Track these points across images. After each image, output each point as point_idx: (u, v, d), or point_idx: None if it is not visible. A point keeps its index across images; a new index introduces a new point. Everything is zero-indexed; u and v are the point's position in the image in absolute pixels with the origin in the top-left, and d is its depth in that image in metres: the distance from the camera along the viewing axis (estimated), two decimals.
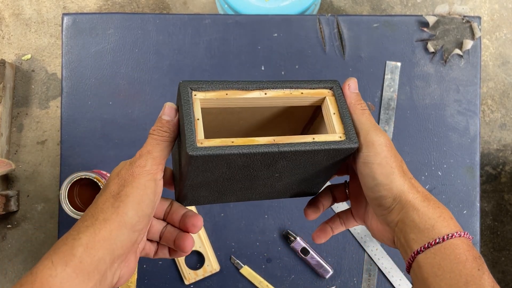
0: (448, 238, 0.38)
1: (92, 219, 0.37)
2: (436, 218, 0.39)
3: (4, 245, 1.52)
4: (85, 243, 0.35)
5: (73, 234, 0.36)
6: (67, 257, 0.34)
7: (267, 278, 0.81)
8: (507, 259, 1.50)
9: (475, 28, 0.80)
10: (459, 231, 0.38)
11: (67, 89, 0.82)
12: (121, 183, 0.39)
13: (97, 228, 0.36)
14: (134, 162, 0.41)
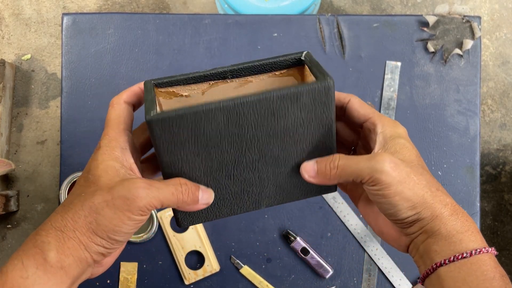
0: (476, 253, 0.36)
1: (62, 221, 0.36)
2: (464, 232, 0.37)
3: (4, 245, 1.52)
4: (56, 246, 0.34)
5: (43, 235, 0.35)
6: (38, 260, 0.34)
7: (267, 278, 0.81)
8: (507, 259, 1.50)
9: (475, 28, 0.80)
10: (486, 247, 0.37)
11: (67, 89, 0.82)
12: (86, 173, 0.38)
13: (58, 224, 0.35)
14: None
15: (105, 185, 0.35)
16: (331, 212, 0.81)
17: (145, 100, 0.37)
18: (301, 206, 0.81)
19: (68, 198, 0.37)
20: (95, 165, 0.37)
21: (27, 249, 0.35)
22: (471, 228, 0.37)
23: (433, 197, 0.37)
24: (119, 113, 0.40)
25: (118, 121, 0.39)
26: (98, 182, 0.36)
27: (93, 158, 0.37)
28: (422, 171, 0.39)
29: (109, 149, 0.37)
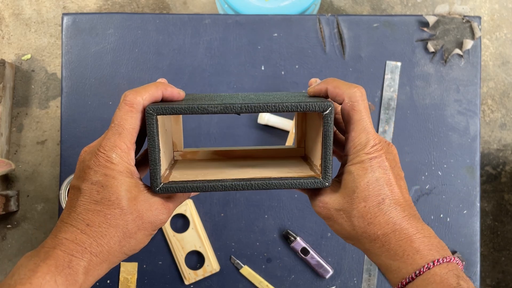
0: (416, 275, 0.36)
1: (98, 248, 0.37)
2: (400, 257, 0.36)
3: (4, 245, 1.52)
4: (85, 268, 0.36)
5: (78, 257, 0.36)
6: (70, 281, 0.36)
7: (267, 278, 0.80)
8: (507, 259, 1.50)
9: (475, 28, 0.80)
10: (424, 266, 0.35)
11: (67, 89, 0.82)
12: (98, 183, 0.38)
13: (94, 250, 0.37)
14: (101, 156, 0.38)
15: (132, 208, 0.37)
16: None
17: (150, 158, 0.38)
18: (301, 206, 0.81)
19: (89, 216, 0.37)
20: (113, 183, 0.37)
21: (61, 268, 0.36)
22: (408, 248, 0.36)
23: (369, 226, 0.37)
24: (136, 123, 0.38)
25: (132, 133, 0.38)
26: (122, 204, 0.37)
27: (106, 173, 0.37)
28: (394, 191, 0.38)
29: (124, 165, 0.37)
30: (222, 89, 0.82)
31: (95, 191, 0.37)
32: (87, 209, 0.37)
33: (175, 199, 0.41)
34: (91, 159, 0.38)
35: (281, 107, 0.37)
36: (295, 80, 0.82)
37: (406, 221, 0.37)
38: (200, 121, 0.82)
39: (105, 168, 0.37)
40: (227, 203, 0.81)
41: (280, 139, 0.81)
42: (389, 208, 0.37)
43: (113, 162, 0.37)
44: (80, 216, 0.37)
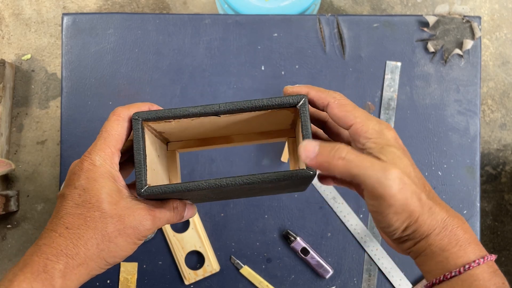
0: (466, 269, 0.35)
1: (74, 249, 0.37)
2: (451, 248, 0.36)
3: (4, 245, 1.52)
4: (62, 271, 0.36)
5: (53, 261, 0.36)
6: (47, 286, 0.36)
7: (267, 278, 0.81)
8: (507, 259, 1.50)
9: (475, 28, 0.80)
10: (478, 259, 0.35)
11: (67, 89, 0.82)
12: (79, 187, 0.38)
13: (70, 252, 0.36)
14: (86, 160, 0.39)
15: (113, 212, 0.37)
16: (331, 212, 0.81)
17: (135, 155, 0.38)
18: (301, 206, 0.81)
19: (69, 220, 0.37)
20: (94, 186, 0.37)
21: (36, 273, 0.36)
22: (460, 241, 0.36)
23: (426, 215, 0.36)
24: (122, 131, 0.39)
25: (118, 139, 0.39)
26: (103, 207, 0.37)
27: (88, 176, 0.38)
28: (420, 184, 0.37)
29: (106, 168, 0.38)
30: (222, 89, 0.82)
31: (77, 194, 0.38)
32: (69, 213, 0.37)
33: (161, 209, 0.40)
34: (77, 165, 0.39)
35: (257, 104, 0.38)
36: (295, 80, 0.82)
37: (444, 221, 0.36)
38: None
39: (87, 172, 0.38)
40: (227, 203, 0.81)
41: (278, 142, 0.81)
42: (428, 204, 0.36)
43: (95, 165, 0.38)
44: (61, 221, 0.37)
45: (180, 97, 0.82)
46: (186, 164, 0.80)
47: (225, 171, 0.80)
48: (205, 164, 0.80)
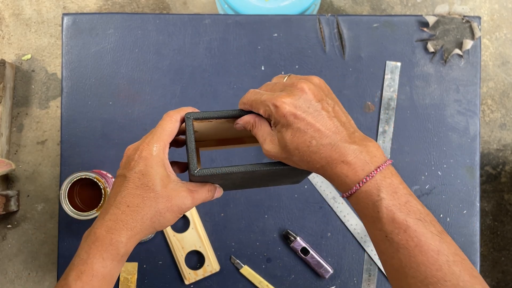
0: (354, 191, 0.43)
1: (133, 223, 0.47)
2: (343, 176, 0.43)
3: (4, 245, 1.52)
4: (124, 242, 0.47)
5: (117, 234, 0.47)
6: (113, 254, 0.47)
7: (267, 278, 0.81)
8: (507, 259, 1.50)
9: (475, 28, 0.80)
10: (359, 182, 0.42)
11: (67, 89, 0.82)
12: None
13: (130, 226, 0.47)
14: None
15: (164, 193, 0.47)
16: (331, 212, 0.81)
17: (188, 146, 0.48)
18: (301, 206, 0.81)
19: (130, 199, 0.47)
20: (151, 171, 0.47)
21: (106, 246, 0.47)
22: (340, 174, 0.43)
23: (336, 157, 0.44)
24: (174, 128, 0.48)
25: (170, 134, 0.48)
26: (157, 189, 0.47)
27: (146, 163, 0.47)
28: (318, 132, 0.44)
29: (160, 156, 0.47)
30: (222, 89, 0.82)
31: (137, 178, 0.47)
32: (130, 193, 0.47)
33: (199, 191, 0.49)
34: (135, 153, 0.47)
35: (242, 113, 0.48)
36: None
37: (336, 150, 0.43)
38: None
39: (146, 159, 0.47)
40: (227, 203, 0.81)
41: None
42: (319, 146, 0.43)
43: (152, 154, 0.47)
44: (123, 199, 0.47)
45: (180, 97, 0.82)
46: None
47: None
48: (205, 164, 0.80)
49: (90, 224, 0.81)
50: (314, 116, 0.43)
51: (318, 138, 0.43)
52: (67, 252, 0.81)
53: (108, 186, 0.74)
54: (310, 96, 0.43)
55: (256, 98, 0.46)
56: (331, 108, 0.44)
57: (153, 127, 0.82)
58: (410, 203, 0.42)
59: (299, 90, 0.44)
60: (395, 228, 0.41)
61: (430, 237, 0.41)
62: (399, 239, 0.41)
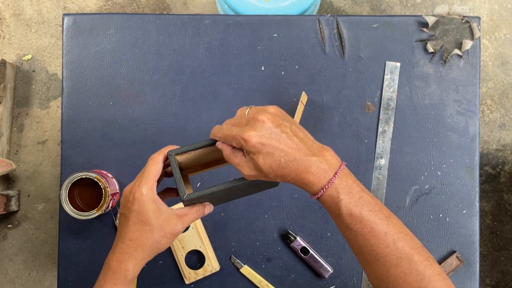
0: (320, 195, 0.52)
1: (136, 253, 0.59)
2: (308, 184, 0.52)
3: (5, 244, 1.52)
4: (131, 269, 0.59)
5: (124, 263, 0.59)
6: (123, 281, 0.59)
7: (267, 278, 0.81)
8: (507, 258, 1.50)
9: (475, 28, 0.80)
10: (322, 189, 0.52)
11: (67, 89, 0.83)
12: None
13: (134, 255, 0.59)
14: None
15: (157, 224, 0.58)
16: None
17: (175, 177, 0.57)
18: (301, 206, 0.81)
19: (131, 234, 0.58)
20: (144, 209, 0.58)
21: (116, 275, 0.59)
22: (307, 183, 0.52)
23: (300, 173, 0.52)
24: (157, 169, 0.58)
25: (155, 175, 0.58)
26: (151, 222, 0.57)
27: (139, 203, 0.58)
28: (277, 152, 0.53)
29: (150, 195, 0.58)
30: (222, 90, 0.82)
31: (134, 216, 0.58)
32: (131, 229, 0.58)
33: (188, 214, 0.59)
34: (130, 195, 0.58)
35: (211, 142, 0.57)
36: (295, 81, 0.82)
37: (301, 164, 0.51)
38: (200, 121, 0.82)
39: (138, 200, 0.58)
40: (228, 203, 0.81)
41: None
42: (287, 163, 0.51)
43: (143, 194, 0.57)
44: (127, 235, 0.58)
45: (180, 97, 0.82)
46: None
47: (225, 175, 0.81)
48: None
49: (90, 223, 0.81)
50: (276, 139, 0.51)
51: (284, 156, 0.51)
52: (68, 252, 0.81)
53: (108, 186, 0.74)
54: (269, 125, 0.52)
55: (227, 134, 0.54)
56: (289, 129, 0.53)
57: (153, 127, 0.83)
58: (363, 198, 0.52)
59: (260, 122, 0.52)
60: (352, 220, 0.52)
61: (379, 223, 0.52)
62: (356, 228, 0.52)
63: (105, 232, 0.81)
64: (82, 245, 0.81)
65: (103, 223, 0.82)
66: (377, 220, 0.52)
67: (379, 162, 0.81)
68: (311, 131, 0.81)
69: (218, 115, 0.82)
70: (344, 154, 0.81)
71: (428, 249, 0.80)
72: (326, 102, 0.82)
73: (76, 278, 0.81)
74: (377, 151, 0.81)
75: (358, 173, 0.81)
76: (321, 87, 0.82)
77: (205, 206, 0.62)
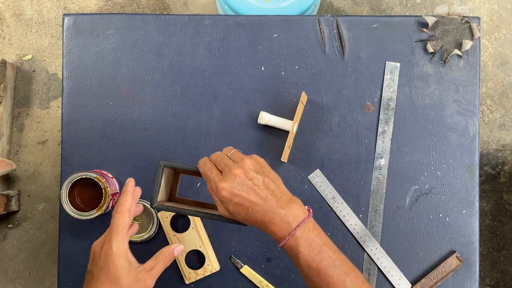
0: (282, 245, 0.57)
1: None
2: (274, 233, 0.58)
3: (5, 244, 1.52)
4: None
5: None
6: None
7: (267, 278, 0.81)
8: (506, 258, 1.51)
9: (474, 28, 0.80)
10: (284, 239, 0.57)
11: (68, 89, 0.83)
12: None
13: None
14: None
15: (126, 283, 0.57)
16: (331, 211, 0.81)
17: (154, 186, 0.64)
18: None
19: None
20: (113, 265, 0.57)
21: None
22: (271, 232, 0.58)
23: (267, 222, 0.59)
24: (126, 220, 0.60)
25: (124, 228, 0.60)
26: (120, 281, 0.57)
27: (110, 260, 0.57)
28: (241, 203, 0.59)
29: (120, 250, 0.58)
30: (222, 90, 0.82)
31: (102, 275, 0.57)
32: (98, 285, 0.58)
33: (156, 266, 0.61)
34: (100, 251, 0.58)
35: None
36: (295, 81, 0.82)
37: (267, 215, 0.57)
38: (200, 121, 0.82)
39: (108, 256, 0.57)
40: None
41: (280, 139, 0.81)
42: (254, 212, 0.57)
43: (113, 250, 0.57)
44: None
45: (181, 98, 0.82)
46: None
47: None
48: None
49: (90, 223, 0.81)
50: (247, 192, 0.57)
51: (252, 207, 0.57)
52: (68, 251, 0.82)
53: (108, 186, 0.75)
54: (242, 178, 0.57)
55: (207, 174, 0.59)
56: (261, 182, 0.57)
57: (153, 127, 0.83)
58: (323, 252, 0.56)
59: (233, 175, 0.57)
60: (310, 272, 0.55)
61: (337, 278, 0.55)
62: (314, 280, 0.56)
63: None
64: (82, 245, 0.82)
65: (103, 223, 0.82)
66: (335, 275, 0.55)
67: (379, 162, 0.81)
68: (311, 131, 0.82)
69: (218, 115, 0.82)
70: (344, 154, 0.81)
71: (428, 249, 0.80)
72: (326, 102, 0.82)
73: (76, 278, 0.81)
74: (377, 151, 0.81)
75: (358, 173, 0.81)
76: (321, 87, 0.82)
77: (174, 249, 0.64)
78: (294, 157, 0.81)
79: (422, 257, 0.81)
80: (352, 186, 0.81)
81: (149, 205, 0.80)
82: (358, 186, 0.81)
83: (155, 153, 0.82)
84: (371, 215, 0.81)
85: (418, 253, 0.81)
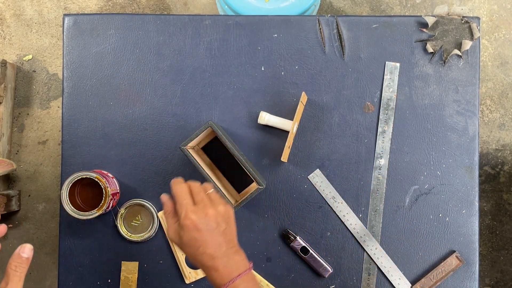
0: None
1: None
2: (214, 280, 0.61)
3: (6, 244, 1.53)
4: None
5: None
6: None
7: (267, 277, 0.81)
8: (506, 258, 1.51)
9: (474, 28, 0.80)
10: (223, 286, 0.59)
11: (68, 89, 0.83)
12: None
13: None
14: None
15: None
16: (331, 211, 0.81)
17: (192, 135, 0.72)
18: (300, 205, 0.81)
19: None
20: None
21: None
22: (213, 276, 0.60)
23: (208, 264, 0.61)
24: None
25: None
26: None
27: None
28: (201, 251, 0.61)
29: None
30: (222, 90, 0.82)
31: None
32: None
33: (9, 285, 0.62)
34: None
35: None
36: (295, 81, 0.82)
37: (213, 260, 0.60)
38: (200, 121, 0.82)
39: None
40: None
41: (280, 139, 0.81)
42: (202, 253, 0.60)
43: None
44: None
45: (181, 98, 0.82)
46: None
47: None
48: None
49: (91, 223, 0.82)
50: (207, 231, 0.60)
51: (204, 247, 0.60)
52: (68, 251, 0.82)
53: (109, 186, 0.75)
54: (211, 219, 0.61)
55: (180, 197, 0.62)
56: (222, 230, 0.61)
57: (153, 127, 0.83)
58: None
59: (204, 214, 0.61)
60: None
61: None
62: None
63: (105, 232, 0.82)
64: (83, 245, 0.82)
65: (103, 223, 0.82)
66: None
67: (378, 162, 0.81)
68: (311, 131, 0.82)
69: (218, 115, 0.82)
70: (344, 154, 0.81)
71: (428, 249, 0.81)
72: (326, 102, 0.82)
73: (77, 278, 0.81)
74: (377, 151, 0.82)
75: (358, 173, 0.81)
76: (321, 87, 0.82)
77: (19, 252, 0.67)
78: (294, 157, 0.82)
79: (422, 257, 0.81)
80: (352, 186, 0.81)
81: (149, 205, 0.80)
82: (358, 186, 0.81)
83: (155, 153, 0.82)
84: (371, 215, 0.81)
85: (418, 253, 0.81)
